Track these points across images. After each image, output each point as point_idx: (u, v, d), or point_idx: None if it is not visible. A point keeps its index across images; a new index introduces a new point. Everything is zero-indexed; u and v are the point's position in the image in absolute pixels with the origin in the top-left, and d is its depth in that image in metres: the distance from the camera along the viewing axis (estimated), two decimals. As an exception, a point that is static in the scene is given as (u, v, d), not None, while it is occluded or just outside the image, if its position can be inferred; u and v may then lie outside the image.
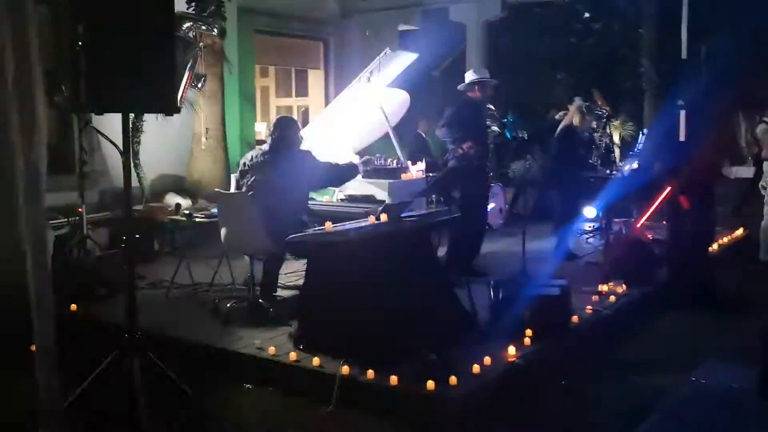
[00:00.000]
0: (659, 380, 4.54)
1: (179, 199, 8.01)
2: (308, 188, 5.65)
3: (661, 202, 6.87)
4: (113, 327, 4.70)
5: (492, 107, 9.36)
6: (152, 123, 7.95)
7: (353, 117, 7.53)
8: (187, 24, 7.91)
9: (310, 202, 6.04)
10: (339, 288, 4.63)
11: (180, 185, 9.04)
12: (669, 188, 6.65)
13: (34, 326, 2.96)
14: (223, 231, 5.57)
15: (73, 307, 5.53)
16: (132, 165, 7.93)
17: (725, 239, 8.39)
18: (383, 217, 4.89)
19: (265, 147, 5.65)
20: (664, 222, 7.37)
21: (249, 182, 5.53)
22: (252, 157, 5.64)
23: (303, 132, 6.30)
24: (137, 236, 6.68)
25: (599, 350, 5.12)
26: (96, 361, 3.98)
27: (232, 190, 5.91)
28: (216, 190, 6.07)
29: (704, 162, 6.57)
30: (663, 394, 4.30)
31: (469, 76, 6.79)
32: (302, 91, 12.89)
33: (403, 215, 5.06)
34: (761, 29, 11.93)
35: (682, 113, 8.87)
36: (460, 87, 6.86)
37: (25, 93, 2.76)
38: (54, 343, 3.04)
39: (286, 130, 5.57)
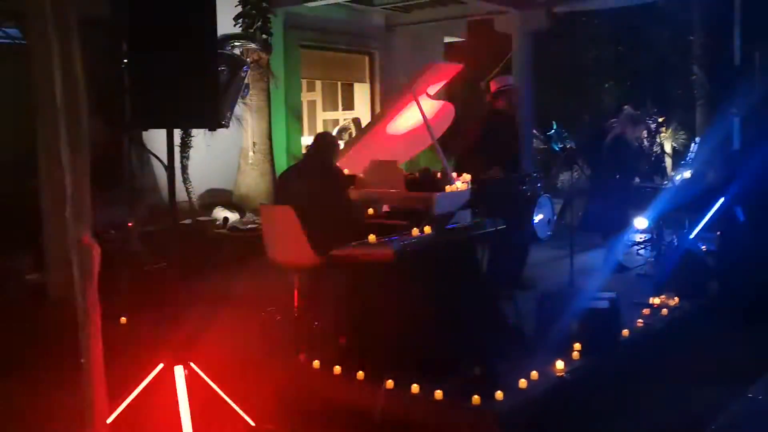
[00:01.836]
0: (714, 396, 4.40)
1: (227, 213, 8.11)
2: (347, 202, 5.64)
3: (714, 212, 6.68)
4: (161, 340, 4.75)
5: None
6: (200, 138, 8.08)
7: (397, 129, 7.51)
8: (234, 41, 8.05)
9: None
10: (383, 301, 4.60)
11: (228, 199, 9.17)
12: (723, 199, 6.47)
13: (80, 339, 3.00)
14: (268, 244, 5.60)
15: (123, 319, 5.62)
16: (181, 179, 8.08)
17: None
18: (427, 230, 4.86)
19: (302, 160, 5.71)
20: (718, 233, 7.17)
21: (288, 196, 5.57)
22: (289, 172, 5.70)
23: (346, 145, 6.31)
24: (185, 250, 6.80)
25: (651, 365, 4.99)
26: (143, 374, 4.02)
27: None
28: (261, 203, 6.12)
29: (760, 171, 6.37)
30: (718, 411, 4.15)
31: (493, 85, 6.71)
32: (348, 105, 12.97)
33: (447, 227, 5.01)
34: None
35: (737, 121, 8.65)
36: (487, 99, 6.80)
37: (72, 111, 2.82)
38: (101, 355, 3.08)
39: (321, 145, 5.61)
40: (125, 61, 3.36)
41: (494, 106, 6.67)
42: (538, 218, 9.01)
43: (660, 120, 9.88)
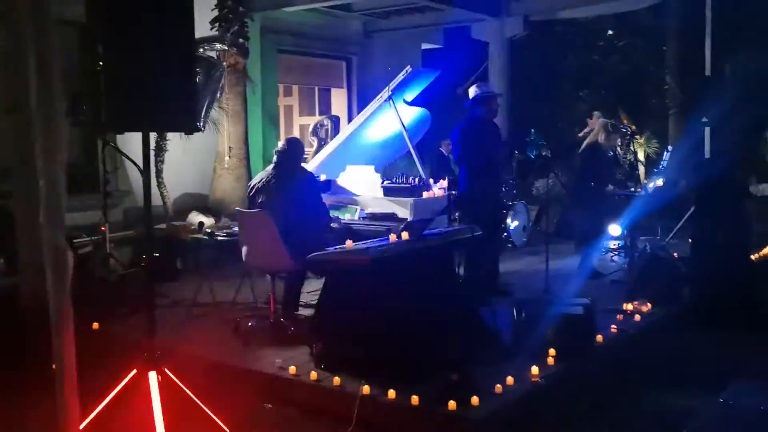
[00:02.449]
0: (686, 401, 4.45)
1: (202, 218, 8.05)
2: (319, 207, 5.64)
3: (686, 219, 6.78)
4: (134, 345, 4.71)
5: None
6: (176, 142, 8.02)
7: (374, 135, 7.54)
8: (211, 44, 8.01)
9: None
10: (360, 306, 4.60)
11: (203, 204, 9.10)
12: (694, 206, 6.57)
13: (53, 345, 2.96)
14: (244, 249, 5.58)
15: (95, 325, 5.56)
16: (156, 183, 8.01)
17: (754, 256, 8.23)
18: (404, 235, 4.87)
19: (270, 167, 5.71)
20: (690, 240, 7.26)
21: (259, 202, 5.56)
22: (261, 179, 5.69)
23: (324, 150, 6.31)
24: (159, 255, 6.74)
25: (624, 370, 5.03)
26: (116, 379, 3.97)
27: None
28: (237, 208, 6.09)
29: (729, 179, 6.48)
30: (690, 416, 4.20)
31: (473, 92, 6.69)
32: (325, 110, 12.95)
33: (424, 233, 5.03)
34: (788, 45, 11.79)
35: (707, 130, 8.77)
36: (466, 104, 6.81)
37: (47, 113, 2.78)
38: (74, 362, 3.04)
39: (291, 151, 5.62)
40: (101, 63, 3.33)
41: (474, 112, 6.65)
42: (513, 225, 9.10)
43: (632, 128, 9.97)
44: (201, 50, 7.81)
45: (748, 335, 5.80)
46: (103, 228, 6.38)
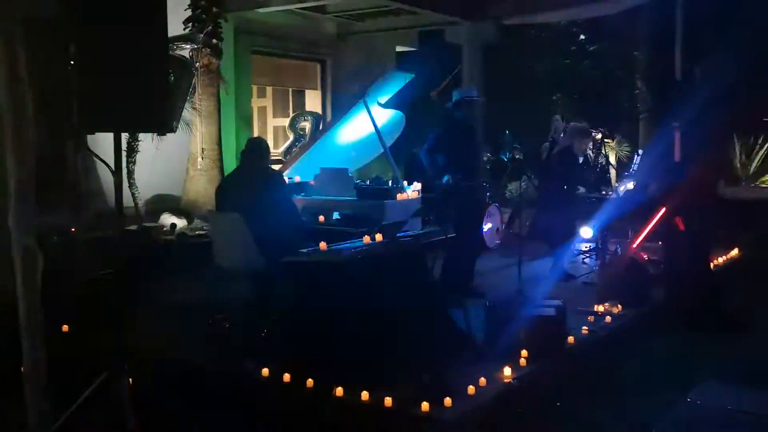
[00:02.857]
0: (655, 402, 4.50)
1: (174, 219, 7.99)
2: (288, 208, 5.59)
3: (656, 222, 6.86)
4: (105, 348, 4.66)
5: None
6: (148, 143, 7.96)
7: (348, 137, 7.54)
8: (184, 44, 7.97)
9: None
10: (333, 308, 4.60)
11: (176, 205, 9.03)
12: (664, 209, 6.65)
13: (23, 347, 2.93)
14: (215, 250, 5.55)
15: (65, 327, 5.49)
16: (128, 184, 7.94)
17: (721, 259, 8.38)
18: (378, 237, 4.87)
19: (237, 169, 5.67)
20: (660, 243, 7.36)
21: (223, 204, 5.50)
22: (227, 181, 5.65)
23: (296, 154, 6.29)
24: (131, 256, 6.67)
25: (595, 371, 5.09)
26: (87, 383, 3.93)
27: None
28: (208, 209, 6.06)
29: (699, 183, 6.57)
30: (659, 416, 4.25)
31: (456, 96, 6.76)
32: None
33: (398, 235, 5.04)
34: (755, 50, 12.02)
35: (677, 134, 8.89)
36: (447, 105, 6.86)
37: (17, 113, 2.76)
38: (44, 364, 3.01)
39: (254, 152, 5.55)
40: (72, 62, 3.30)
41: (455, 115, 6.71)
42: (487, 227, 9.14)
43: (600, 134, 10.04)
44: (173, 47, 7.78)
45: (715, 336, 5.90)
46: (73, 230, 6.30)
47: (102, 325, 5.53)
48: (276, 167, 6.97)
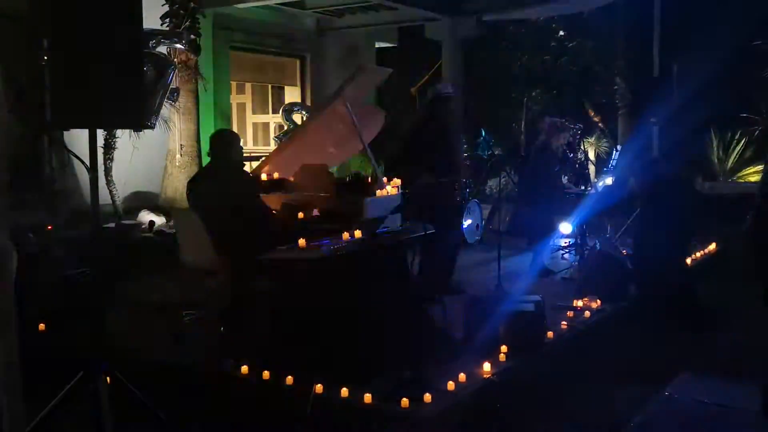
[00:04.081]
0: (634, 395, 4.55)
1: (153, 217, 7.93)
2: (255, 206, 5.49)
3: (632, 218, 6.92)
4: (81, 347, 4.61)
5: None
6: (126, 140, 7.89)
7: (328, 133, 7.50)
8: (161, 40, 7.90)
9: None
10: (312, 305, 4.59)
11: (154, 202, 8.96)
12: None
13: (-4, 346, 2.88)
14: (181, 248, 5.48)
15: (41, 326, 5.43)
16: (105, 181, 7.86)
17: (698, 254, 8.46)
18: (357, 233, 4.86)
19: (206, 165, 5.59)
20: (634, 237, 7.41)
21: (194, 202, 5.41)
22: (197, 177, 5.58)
23: (277, 149, 6.23)
24: (108, 254, 6.62)
25: (574, 365, 5.12)
26: (64, 383, 3.89)
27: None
28: (171, 207, 5.98)
29: (675, 177, 6.63)
30: (637, 409, 4.29)
31: (431, 92, 6.78)
32: (279, 108, 12.88)
33: (377, 231, 5.03)
34: (732, 47, 12.15)
35: (655, 130, 8.97)
36: (423, 101, 6.88)
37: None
38: (18, 363, 2.96)
39: (223, 147, 5.44)
40: (45, 58, 3.25)
41: (431, 111, 6.71)
42: (467, 223, 9.17)
43: (578, 128, 10.09)
44: (151, 45, 7.70)
45: (691, 331, 5.96)
46: (49, 227, 6.23)
47: (78, 324, 5.49)
48: (254, 164, 6.92)
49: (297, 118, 10.64)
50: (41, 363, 4.19)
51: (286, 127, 10.51)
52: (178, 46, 8.36)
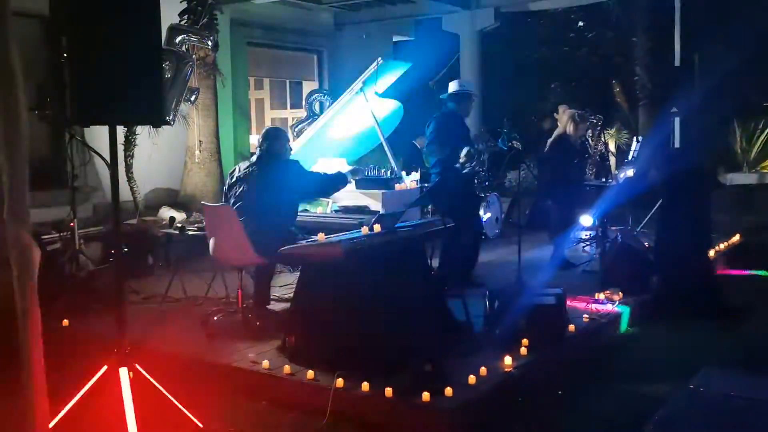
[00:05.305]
0: (657, 389, 4.50)
1: (173, 213, 7.97)
2: (297, 199, 5.61)
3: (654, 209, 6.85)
4: (104, 342, 4.65)
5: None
6: (146, 136, 7.93)
7: (346, 127, 7.50)
8: (180, 37, 7.92)
9: (303, 213, 6.01)
10: (332, 299, 4.59)
11: (174, 199, 9.01)
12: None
13: (21, 343, 2.90)
14: (211, 243, 5.53)
15: (65, 321, 5.49)
16: (126, 178, 7.91)
17: (721, 246, 8.36)
18: (376, 228, 4.86)
19: (253, 158, 5.62)
20: (657, 230, 7.34)
21: (237, 193, 5.50)
22: (240, 169, 5.61)
23: (296, 143, 6.25)
24: (130, 250, 6.67)
25: (596, 359, 5.08)
26: (87, 376, 3.92)
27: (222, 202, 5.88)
28: (203, 203, 6.03)
29: (697, 168, 6.55)
30: (660, 403, 4.24)
31: (453, 87, 6.77)
32: (297, 103, 12.89)
33: (396, 226, 5.02)
34: (754, 37, 11.97)
35: (677, 120, 8.86)
36: (442, 96, 6.87)
37: (9, 106, 2.72)
38: (42, 358, 2.98)
39: (273, 141, 5.54)
40: (65, 55, 3.27)
41: (449, 106, 6.72)
42: (486, 216, 9.13)
43: (596, 119, 9.98)
44: (174, 41, 7.73)
45: (715, 323, 5.89)
46: (72, 224, 6.29)
47: (101, 319, 5.54)
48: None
49: (317, 105, 10.58)
50: (65, 358, 4.23)
51: (305, 113, 10.46)
52: (196, 42, 8.36)
